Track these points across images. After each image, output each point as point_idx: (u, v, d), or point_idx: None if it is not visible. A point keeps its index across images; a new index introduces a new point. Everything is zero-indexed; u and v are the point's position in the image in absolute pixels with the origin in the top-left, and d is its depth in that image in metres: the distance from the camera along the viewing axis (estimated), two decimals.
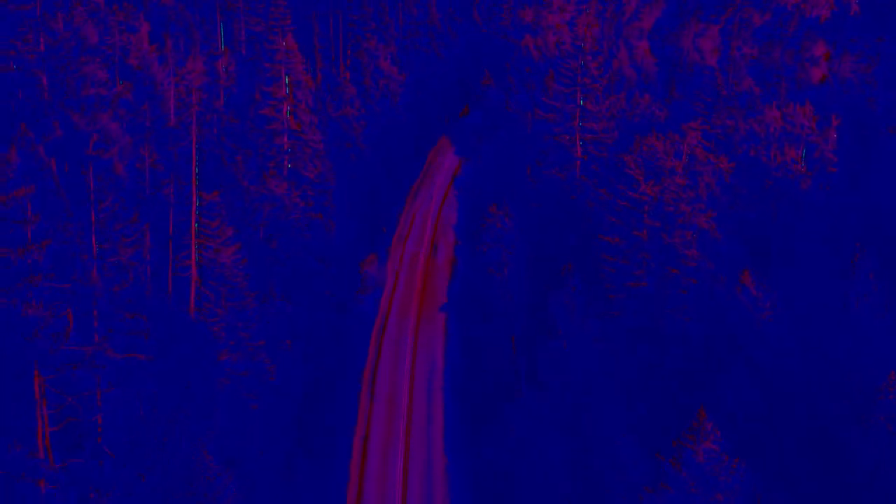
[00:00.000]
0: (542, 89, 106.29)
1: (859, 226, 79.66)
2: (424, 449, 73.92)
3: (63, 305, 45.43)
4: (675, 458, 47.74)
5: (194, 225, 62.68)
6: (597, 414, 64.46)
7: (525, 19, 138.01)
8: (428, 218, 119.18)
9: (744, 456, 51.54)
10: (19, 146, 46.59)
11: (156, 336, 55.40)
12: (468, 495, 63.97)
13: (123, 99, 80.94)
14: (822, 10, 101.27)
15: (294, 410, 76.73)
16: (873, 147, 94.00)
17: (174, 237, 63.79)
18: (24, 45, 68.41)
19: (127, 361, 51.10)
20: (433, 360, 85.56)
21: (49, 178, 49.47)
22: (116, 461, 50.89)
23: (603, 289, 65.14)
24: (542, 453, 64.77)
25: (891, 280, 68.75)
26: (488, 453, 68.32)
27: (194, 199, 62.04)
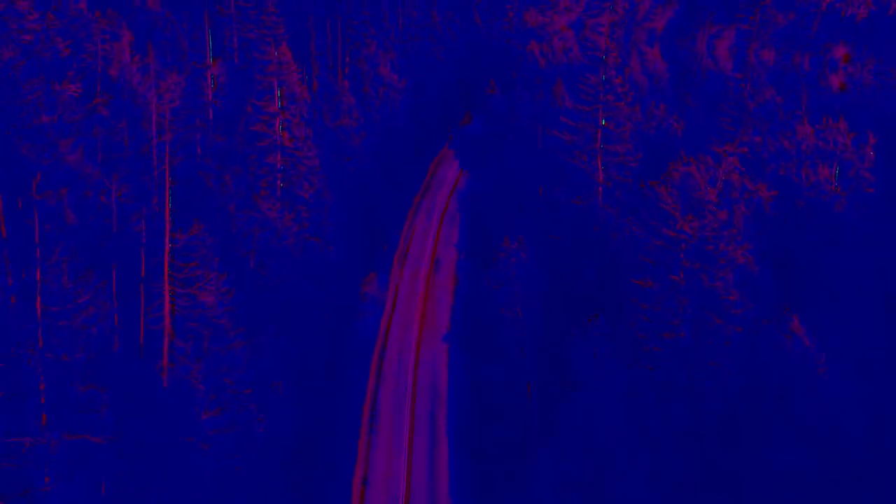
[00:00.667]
0: (550, 100, 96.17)
1: None
2: (428, 501, 64.88)
3: None
4: None
5: (167, 268, 52.59)
6: (623, 477, 54.68)
7: (529, 23, 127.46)
8: (429, 232, 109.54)
9: None
10: None
11: (120, 404, 45.51)
12: None
13: (98, 115, 70.83)
14: (858, 9, 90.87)
15: (286, 460, 67.20)
16: None
17: (146, 280, 53.72)
18: None
19: (80, 444, 41.09)
20: (436, 397, 76.15)
21: None
22: None
23: (632, 336, 55.09)
24: None
25: None
26: None
27: (167, 235, 51.91)
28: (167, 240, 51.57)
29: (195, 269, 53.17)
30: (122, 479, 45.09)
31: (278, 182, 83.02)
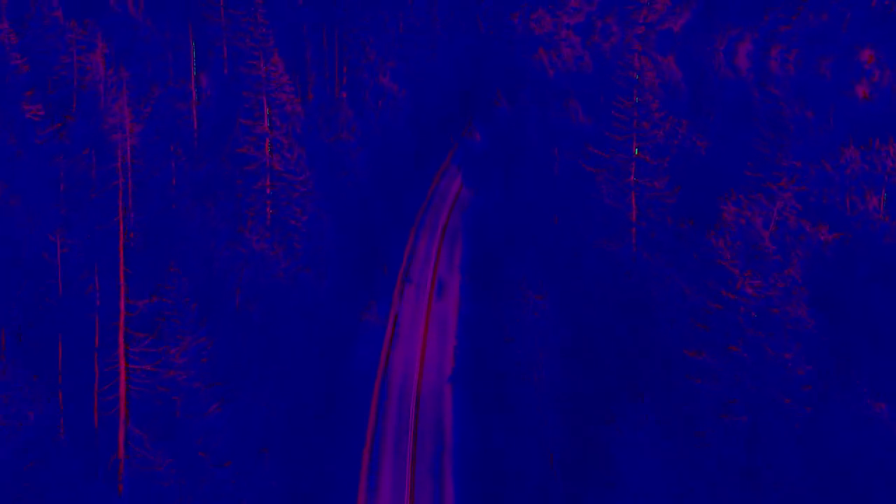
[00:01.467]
0: (564, 116, 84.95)
1: None
2: None
3: None
4: None
5: (122, 340, 41.18)
6: None
7: (535, 30, 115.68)
8: (431, 252, 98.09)
9: None
10: None
11: None
12: None
13: (60, 142, 59.50)
14: None
15: None
16: None
17: (102, 350, 42.37)
18: None
19: None
20: (441, 448, 65.11)
21: None
22: None
23: (681, 417, 43.85)
24: None
25: None
26: None
27: (122, 300, 40.56)
28: (122, 304, 40.23)
29: (160, 342, 41.78)
30: None
31: (267, 209, 71.91)
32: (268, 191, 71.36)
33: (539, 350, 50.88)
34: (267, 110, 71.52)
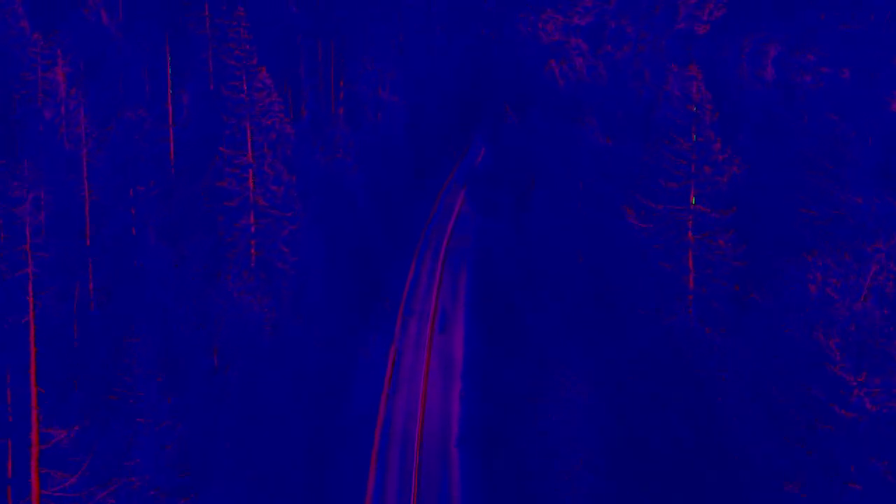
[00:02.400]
0: (581, 136, 72.77)
1: None
2: None
3: None
4: None
5: (36, 478, 28.95)
6: None
7: (542, 38, 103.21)
8: (434, 278, 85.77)
9: None
10: None
11: None
12: None
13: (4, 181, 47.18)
14: None
15: None
16: None
17: (15, 483, 30.30)
18: None
19: None
20: None
21: None
22: None
23: None
24: None
25: None
26: None
27: (35, 429, 28.38)
28: (35, 433, 28.06)
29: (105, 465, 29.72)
30: None
31: (252, 251, 59.71)
32: (252, 229, 59.20)
33: (569, 433, 38.76)
34: (250, 137, 59.27)
